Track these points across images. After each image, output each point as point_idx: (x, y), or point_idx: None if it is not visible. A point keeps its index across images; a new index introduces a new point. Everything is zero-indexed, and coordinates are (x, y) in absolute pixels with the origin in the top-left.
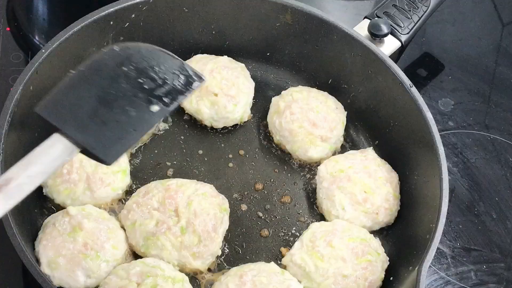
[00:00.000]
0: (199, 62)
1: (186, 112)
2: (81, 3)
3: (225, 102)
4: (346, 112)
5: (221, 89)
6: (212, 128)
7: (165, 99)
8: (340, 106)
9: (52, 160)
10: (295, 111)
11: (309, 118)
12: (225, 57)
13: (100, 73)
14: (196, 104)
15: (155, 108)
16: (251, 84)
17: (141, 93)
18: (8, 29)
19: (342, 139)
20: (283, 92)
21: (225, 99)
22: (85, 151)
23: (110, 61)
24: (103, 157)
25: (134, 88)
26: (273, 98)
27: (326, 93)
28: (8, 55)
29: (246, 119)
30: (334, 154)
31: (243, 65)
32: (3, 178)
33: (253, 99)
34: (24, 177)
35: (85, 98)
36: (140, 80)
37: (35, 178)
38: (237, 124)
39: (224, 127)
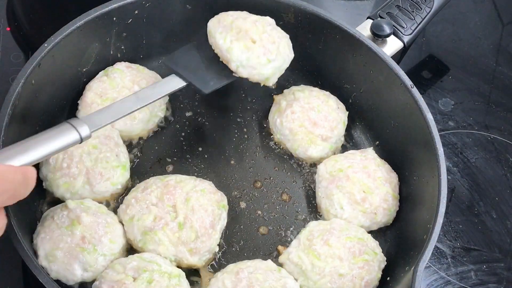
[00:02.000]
0: (240, 16)
1: (213, 49)
2: (81, 3)
3: (260, 53)
4: (347, 112)
5: (261, 39)
6: (212, 127)
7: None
8: (341, 105)
9: (168, 87)
10: (296, 110)
11: (310, 117)
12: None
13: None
14: (230, 42)
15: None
16: (291, 54)
17: None
18: (8, 29)
19: (342, 139)
20: (285, 91)
21: (261, 49)
22: (190, 85)
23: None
24: (201, 87)
25: None
26: (274, 96)
27: (327, 92)
28: (8, 55)
29: (270, 84)
30: (334, 153)
31: (288, 35)
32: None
33: (254, 97)
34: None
35: (193, 55)
36: None
37: (157, 95)
38: (237, 122)
39: (222, 122)
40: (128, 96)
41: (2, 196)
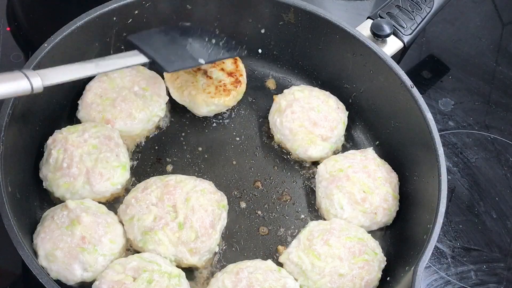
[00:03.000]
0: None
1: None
2: (81, 3)
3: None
4: (347, 112)
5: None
6: (212, 126)
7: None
8: (341, 105)
9: (129, 60)
10: (296, 109)
11: (309, 117)
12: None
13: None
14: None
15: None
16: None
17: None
18: (8, 29)
19: (343, 138)
20: (285, 91)
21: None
22: (152, 62)
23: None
24: (164, 66)
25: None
26: (274, 96)
27: (328, 92)
28: (8, 55)
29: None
30: (334, 153)
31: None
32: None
33: (254, 98)
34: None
35: (159, 37)
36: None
37: (116, 65)
38: (237, 122)
39: (222, 122)
40: (88, 60)
41: None
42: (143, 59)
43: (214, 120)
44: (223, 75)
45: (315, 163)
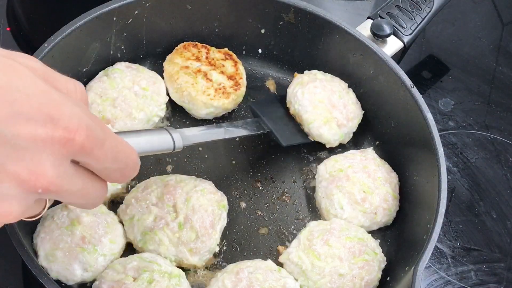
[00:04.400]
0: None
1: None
2: (81, 3)
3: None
4: (363, 111)
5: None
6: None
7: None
8: (359, 104)
9: (249, 129)
10: (318, 86)
11: (330, 98)
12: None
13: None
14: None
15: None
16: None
17: None
18: (8, 29)
19: (351, 135)
20: (306, 71)
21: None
22: (270, 133)
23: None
24: (282, 141)
25: None
26: (296, 73)
27: (347, 85)
28: None
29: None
30: (335, 152)
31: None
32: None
33: (254, 98)
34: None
35: (275, 110)
36: None
37: (243, 131)
38: (238, 121)
39: (222, 122)
40: (217, 124)
41: (112, 164)
42: (263, 129)
43: (214, 120)
44: (223, 77)
45: (316, 162)
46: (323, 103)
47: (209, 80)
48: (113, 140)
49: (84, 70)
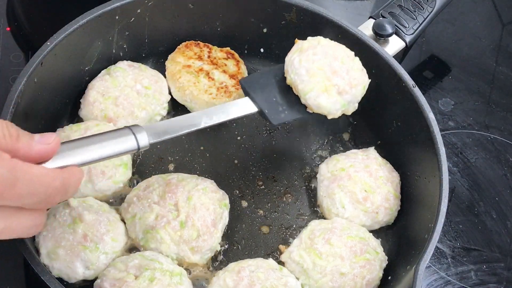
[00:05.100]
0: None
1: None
2: (81, 3)
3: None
4: (370, 80)
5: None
6: (214, 126)
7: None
8: (365, 71)
9: (239, 110)
10: (319, 52)
11: (331, 64)
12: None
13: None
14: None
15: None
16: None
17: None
18: (8, 29)
19: (356, 105)
20: (309, 38)
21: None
22: (260, 113)
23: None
24: (272, 120)
25: None
26: (297, 40)
27: (353, 53)
28: (8, 55)
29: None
30: (337, 149)
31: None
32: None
33: None
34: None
35: (270, 85)
36: None
37: (226, 115)
38: (239, 121)
39: (226, 123)
40: (196, 112)
41: (30, 199)
42: (253, 109)
43: None
44: (225, 76)
45: (318, 161)
46: (322, 70)
47: (211, 79)
48: (28, 176)
49: (87, 68)
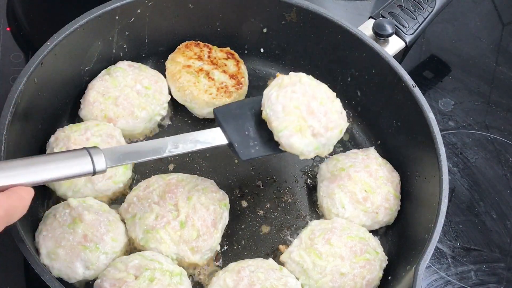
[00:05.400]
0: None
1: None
2: (81, 3)
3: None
4: (348, 124)
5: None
6: (214, 126)
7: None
8: (344, 113)
9: (208, 140)
10: (298, 90)
11: (309, 104)
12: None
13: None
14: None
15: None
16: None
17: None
18: (8, 29)
19: (331, 148)
20: (291, 73)
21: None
22: (230, 145)
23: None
24: (240, 155)
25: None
26: (278, 74)
27: (335, 95)
28: (8, 55)
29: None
30: (337, 149)
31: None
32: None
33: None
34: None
35: (245, 117)
36: None
37: (193, 145)
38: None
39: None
40: (162, 139)
41: None
42: (222, 141)
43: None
44: (225, 77)
45: (318, 161)
46: (298, 109)
47: (211, 79)
48: None
49: (87, 68)
